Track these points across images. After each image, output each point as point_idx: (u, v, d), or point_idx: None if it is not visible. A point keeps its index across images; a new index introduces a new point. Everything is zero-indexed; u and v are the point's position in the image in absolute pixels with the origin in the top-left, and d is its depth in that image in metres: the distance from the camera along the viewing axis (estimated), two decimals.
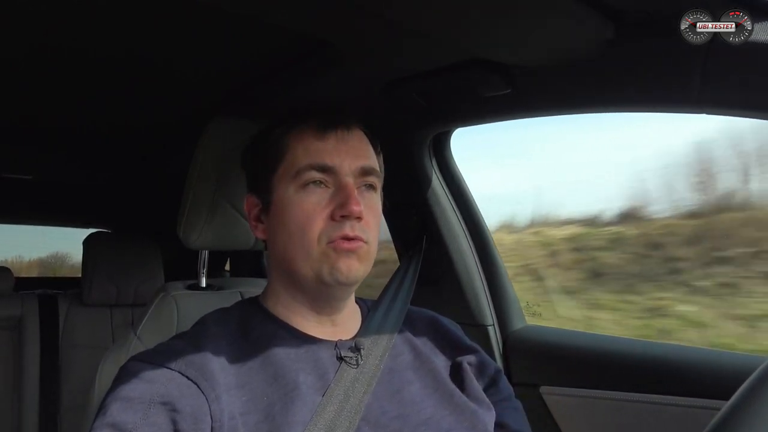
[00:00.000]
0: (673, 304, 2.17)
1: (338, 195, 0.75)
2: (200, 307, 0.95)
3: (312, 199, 0.76)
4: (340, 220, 0.74)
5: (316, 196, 0.76)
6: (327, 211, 0.75)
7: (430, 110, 1.16)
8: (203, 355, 0.69)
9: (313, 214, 0.75)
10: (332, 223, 0.74)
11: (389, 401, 0.76)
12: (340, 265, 0.74)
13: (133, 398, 0.63)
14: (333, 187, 0.76)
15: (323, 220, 0.74)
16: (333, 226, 0.74)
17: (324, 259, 0.74)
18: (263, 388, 0.70)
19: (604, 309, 2.37)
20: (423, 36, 0.85)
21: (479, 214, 1.38)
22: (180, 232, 0.98)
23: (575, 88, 0.96)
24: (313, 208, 0.75)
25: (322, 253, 0.74)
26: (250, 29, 0.98)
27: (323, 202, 0.75)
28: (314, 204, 0.75)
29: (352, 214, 0.73)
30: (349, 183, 0.76)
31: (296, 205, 0.76)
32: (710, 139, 2.17)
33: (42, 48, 1.10)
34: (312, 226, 0.74)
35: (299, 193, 0.76)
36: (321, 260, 0.74)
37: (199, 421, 0.63)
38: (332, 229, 0.74)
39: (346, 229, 0.74)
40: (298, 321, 0.79)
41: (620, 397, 1.09)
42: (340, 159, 0.77)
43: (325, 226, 0.74)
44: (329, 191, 0.76)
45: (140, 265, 2.06)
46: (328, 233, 0.74)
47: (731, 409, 0.45)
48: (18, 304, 1.95)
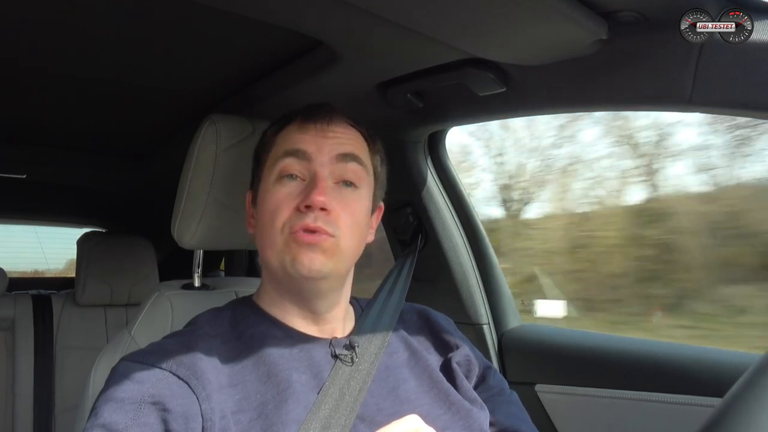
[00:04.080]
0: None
1: (308, 186, 0.76)
2: (195, 306, 0.94)
3: (285, 190, 0.76)
4: (305, 210, 0.74)
5: (289, 188, 0.76)
6: (295, 202, 0.75)
7: (425, 109, 1.16)
8: (194, 354, 0.69)
9: (282, 205, 0.75)
10: (297, 213, 0.74)
11: (385, 399, 0.76)
12: (302, 258, 0.73)
13: (124, 399, 0.63)
14: (307, 179, 0.77)
15: (289, 210, 0.75)
16: (297, 216, 0.74)
17: (286, 249, 0.74)
18: (256, 386, 0.70)
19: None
20: (417, 35, 0.85)
21: (474, 212, 1.38)
22: (174, 232, 0.98)
23: (569, 86, 0.96)
24: (283, 199, 0.76)
25: (284, 243, 0.74)
26: (244, 29, 0.98)
27: (294, 193, 0.76)
28: (285, 195, 0.76)
29: (315, 205, 0.73)
30: (321, 173, 0.76)
31: (270, 195, 0.77)
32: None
33: (37, 45, 1.09)
34: (278, 216, 0.75)
35: (275, 185, 0.77)
36: (283, 251, 0.74)
37: (189, 420, 0.63)
38: (295, 219, 0.74)
39: (308, 219, 0.73)
40: (290, 319, 0.79)
41: (615, 395, 1.09)
42: (317, 146, 0.77)
43: (290, 216, 0.75)
44: (303, 184, 0.77)
45: (134, 264, 2.06)
46: (291, 223, 0.74)
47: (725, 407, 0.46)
48: (11, 305, 1.93)
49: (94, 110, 1.53)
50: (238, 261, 2.44)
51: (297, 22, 0.85)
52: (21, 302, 1.95)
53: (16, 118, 1.59)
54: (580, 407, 1.15)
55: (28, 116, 1.59)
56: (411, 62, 1.00)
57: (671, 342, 1.17)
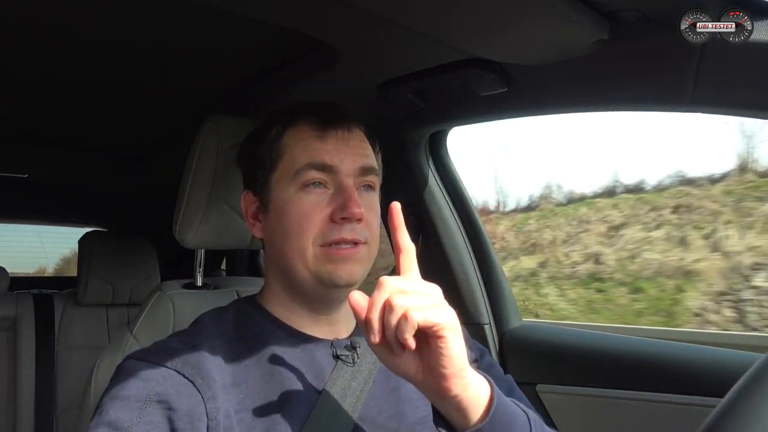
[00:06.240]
0: None
1: (338, 196, 0.74)
2: (196, 306, 0.95)
3: (311, 199, 0.75)
4: (341, 222, 0.73)
5: (316, 196, 0.75)
6: (326, 211, 0.74)
7: (426, 109, 1.16)
8: (199, 353, 0.69)
9: (311, 214, 0.74)
10: (331, 224, 0.73)
11: (386, 400, 0.76)
12: (340, 272, 0.73)
13: (130, 397, 0.63)
14: (332, 188, 0.75)
15: (321, 221, 0.74)
16: (331, 228, 0.73)
17: (320, 263, 0.73)
18: (259, 386, 0.70)
19: None
20: (419, 35, 0.85)
21: (475, 212, 1.38)
22: (176, 231, 0.98)
23: (571, 87, 0.96)
24: (312, 208, 0.74)
25: (316, 256, 0.74)
26: (245, 29, 0.98)
27: (323, 203, 0.74)
28: (313, 204, 0.74)
29: (354, 217, 0.72)
30: (349, 184, 0.75)
31: (295, 204, 0.75)
32: None
33: (39, 46, 1.09)
34: (309, 227, 0.73)
35: (298, 194, 0.75)
36: (317, 263, 0.74)
37: (195, 419, 0.63)
38: (330, 231, 0.73)
39: (344, 232, 0.73)
40: (295, 320, 0.79)
41: (617, 395, 1.09)
42: (340, 159, 0.76)
43: (323, 227, 0.73)
44: (329, 192, 0.75)
45: (136, 264, 2.06)
46: (324, 235, 0.73)
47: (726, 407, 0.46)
48: (13, 304, 1.93)
49: (95, 110, 1.53)
50: (239, 260, 2.44)
51: (298, 22, 0.85)
52: (22, 301, 1.95)
53: (18, 117, 1.59)
54: (582, 407, 1.15)
55: (30, 116, 1.59)
56: (412, 62, 1.00)
57: (673, 342, 1.17)
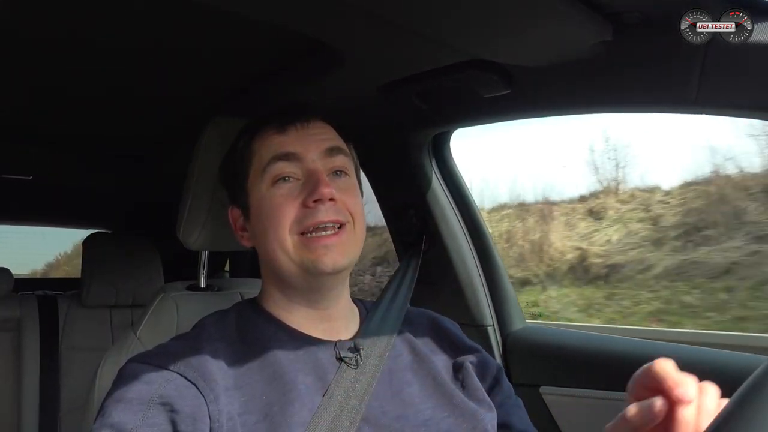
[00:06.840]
0: None
1: (308, 183, 0.75)
2: (200, 307, 0.95)
3: (283, 191, 0.76)
4: (314, 206, 0.73)
5: (287, 189, 0.76)
6: (299, 200, 0.75)
7: (429, 111, 1.16)
8: (202, 356, 0.69)
9: (284, 205, 0.75)
10: (305, 210, 0.74)
11: (390, 402, 0.76)
12: (324, 259, 0.73)
13: (133, 399, 0.64)
14: (302, 177, 0.76)
15: (295, 209, 0.74)
16: (305, 213, 0.74)
17: (302, 253, 0.74)
18: (262, 388, 0.70)
19: None
20: (422, 37, 0.85)
21: (479, 214, 1.38)
22: (179, 233, 0.98)
23: (574, 88, 0.96)
24: (284, 200, 0.75)
25: (296, 245, 0.74)
26: (247, 31, 0.98)
27: (294, 193, 0.76)
28: (285, 195, 0.76)
29: (324, 197, 0.73)
30: (316, 167, 0.76)
31: (268, 200, 0.76)
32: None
33: (43, 47, 1.10)
34: (284, 217, 0.74)
35: (270, 190, 0.77)
36: (299, 253, 0.74)
37: (197, 421, 0.63)
38: (304, 216, 0.74)
39: (320, 214, 0.73)
40: (296, 321, 0.79)
41: (620, 397, 1.07)
42: (303, 146, 0.77)
43: (297, 215, 0.74)
44: (299, 183, 0.76)
45: (140, 266, 2.06)
46: (300, 222, 0.74)
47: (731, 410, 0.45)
48: (17, 306, 1.94)
49: (99, 113, 1.54)
50: (243, 262, 2.44)
51: (300, 24, 0.85)
52: (26, 303, 1.96)
53: (22, 120, 1.60)
54: (585, 410, 1.14)
55: (34, 118, 1.60)
56: (415, 64, 1.00)
57: (678, 344, 1.17)
